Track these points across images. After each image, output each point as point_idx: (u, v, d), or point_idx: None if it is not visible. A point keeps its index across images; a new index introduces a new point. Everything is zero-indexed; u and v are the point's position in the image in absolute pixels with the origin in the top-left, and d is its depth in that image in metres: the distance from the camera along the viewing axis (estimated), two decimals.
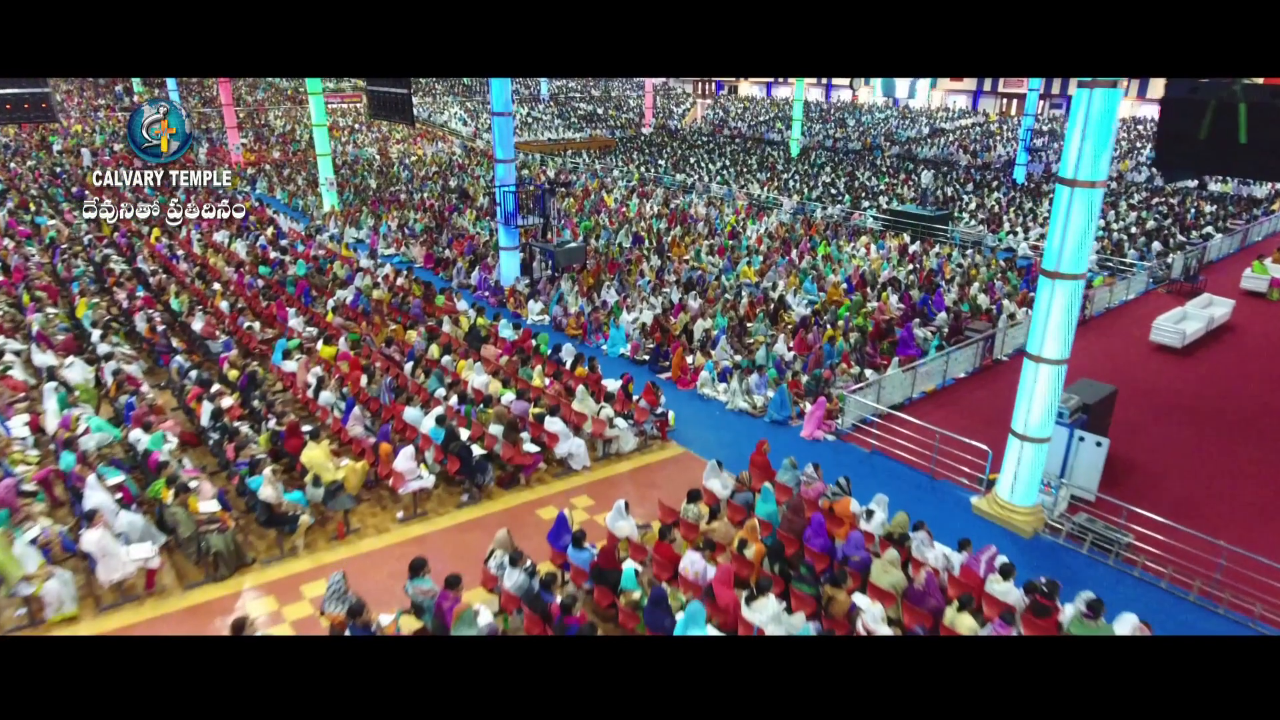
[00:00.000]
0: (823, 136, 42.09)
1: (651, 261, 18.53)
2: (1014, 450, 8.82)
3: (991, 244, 21.35)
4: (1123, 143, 35.50)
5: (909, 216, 22.29)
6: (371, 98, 21.48)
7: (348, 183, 29.39)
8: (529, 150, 39.15)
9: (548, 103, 53.59)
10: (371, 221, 22.91)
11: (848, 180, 30.70)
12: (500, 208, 16.02)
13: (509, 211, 16.00)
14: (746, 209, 25.23)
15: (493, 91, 15.58)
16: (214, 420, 8.88)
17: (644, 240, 21.02)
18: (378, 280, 16.30)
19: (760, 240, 20.79)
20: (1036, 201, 26.43)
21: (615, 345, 13.82)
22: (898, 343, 13.85)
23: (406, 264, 19.75)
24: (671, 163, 35.46)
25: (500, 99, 15.57)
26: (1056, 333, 8.24)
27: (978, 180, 30.62)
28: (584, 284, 16.95)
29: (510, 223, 16.00)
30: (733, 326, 14.19)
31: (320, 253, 18.37)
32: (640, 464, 10.18)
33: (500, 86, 15.46)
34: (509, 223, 16.02)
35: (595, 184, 29.99)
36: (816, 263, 18.64)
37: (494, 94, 15.58)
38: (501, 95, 15.54)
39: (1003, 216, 23.43)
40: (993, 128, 41.24)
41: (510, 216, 15.95)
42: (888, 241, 20.96)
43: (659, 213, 24.40)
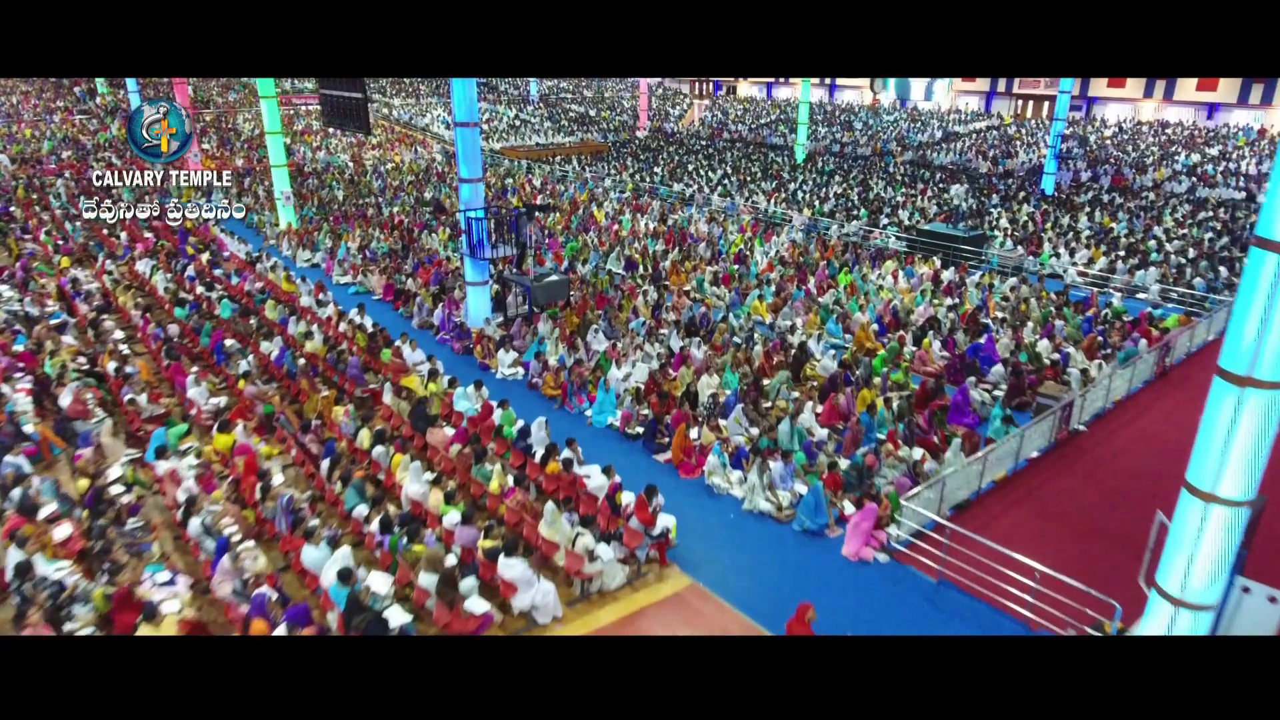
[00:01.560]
0: (829, 141, 39.48)
1: (647, 295, 15.88)
2: (1160, 615, 6.21)
3: (1032, 268, 18.76)
4: (1153, 149, 32.97)
5: (936, 237, 19.67)
6: (324, 102, 18.80)
7: (312, 195, 26.65)
8: (515, 156, 36.43)
9: (537, 104, 50.89)
10: (329, 243, 20.20)
11: (861, 191, 28.09)
12: (466, 236, 13.36)
13: (476, 240, 13.34)
14: (753, 226, 22.58)
15: (454, 97, 12.90)
16: (19, 577, 6.19)
17: (638, 266, 18.37)
18: (318, 323, 13.61)
19: (771, 266, 18.14)
20: (1074, 216, 23.86)
21: (602, 412, 11.17)
22: (948, 407, 11.25)
23: (365, 295, 17.09)
24: (668, 170, 32.81)
25: (463, 105, 12.89)
26: (1242, 462, 5.62)
27: (1003, 191, 28.00)
28: (566, 326, 14.30)
29: (477, 254, 13.34)
30: (745, 388, 11.54)
31: (258, 286, 15.66)
32: (631, 607, 7.52)
33: (462, 89, 12.78)
34: (476, 254, 13.36)
35: (584, 195, 27.32)
36: (840, 296, 16.00)
37: (455, 100, 12.91)
38: (464, 101, 12.86)
39: (1040, 235, 20.82)
40: (1011, 131, 38.68)
41: (477, 247, 13.28)
42: (917, 268, 18.34)
43: (655, 230, 21.75)
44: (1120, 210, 25.03)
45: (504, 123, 43.80)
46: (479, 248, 13.27)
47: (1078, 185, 29.29)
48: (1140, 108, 40.56)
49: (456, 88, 12.77)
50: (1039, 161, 32.05)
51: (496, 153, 37.34)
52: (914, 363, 13.10)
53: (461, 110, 12.92)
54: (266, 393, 10.50)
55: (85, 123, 38.13)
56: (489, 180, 30.22)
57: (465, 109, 12.92)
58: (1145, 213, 24.17)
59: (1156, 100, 40.03)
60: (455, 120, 13.04)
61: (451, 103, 12.74)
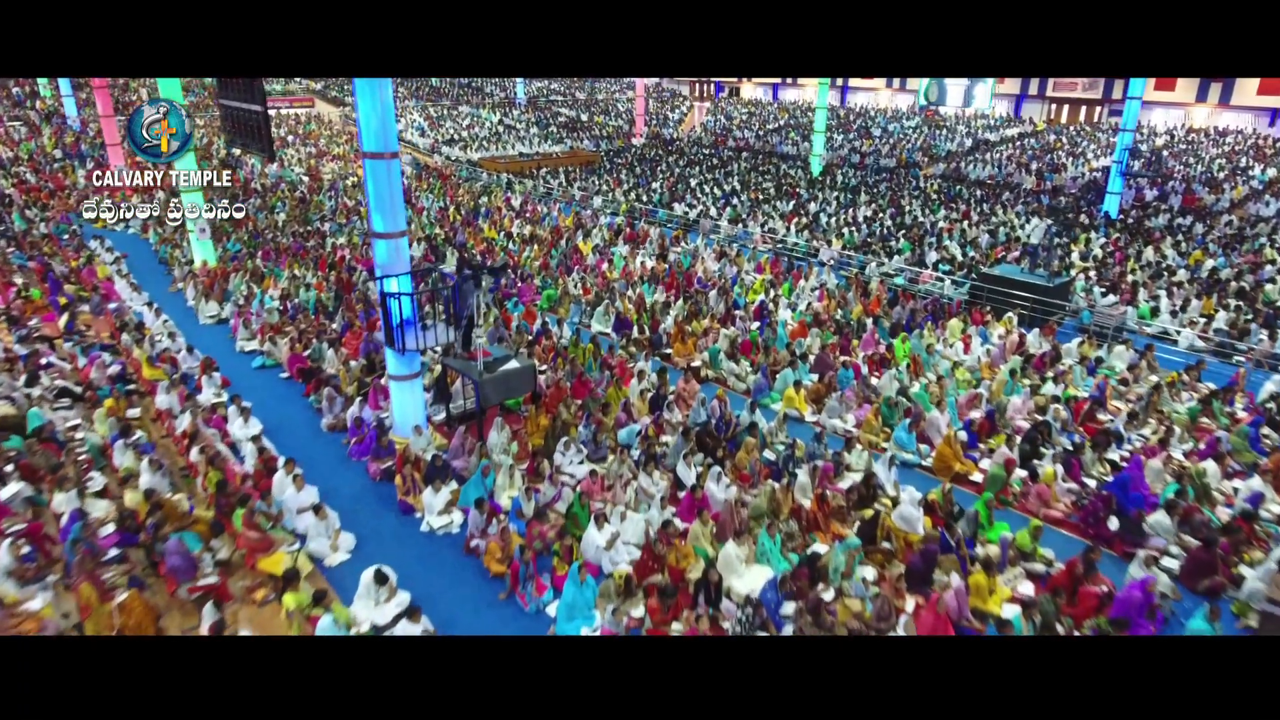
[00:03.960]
0: (847, 150, 35.39)
1: (644, 376, 11.79)
2: None
3: (1130, 324, 14.69)
4: (1219, 162, 28.94)
5: (1005, 284, 15.55)
6: (224, 116, 14.69)
7: (248, 220, 22.47)
8: (495, 169, 32.30)
9: (524, 107, 46.73)
10: (245, 290, 16.07)
11: (893, 213, 24.01)
12: (384, 319, 9.26)
13: (400, 323, 9.24)
14: (772, 264, 18.47)
15: (361, 112, 8.77)
16: None
17: (632, 326, 14.27)
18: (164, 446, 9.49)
19: (804, 328, 14.04)
20: (1157, 249, 19.80)
21: (572, 618, 7.06)
22: (1110, 599, 7.20)
23: (274, 370, 13.00)
24: (668, 186, 28.70)
25: (374, 124, 8.75)
26: None
27: (1062, 215, 23.85)
28: (530, 435, 10.24)
29: (399, 345, 9.21)
30: (790, 578, 7.43)
31: (111, 371, 11.50)
32: None
33: (371, 97, 8.64)
34: (398, 344, 9.23)
35: (570, 219, 23.19)
36: (902, 377, 11.92)
37: (362, 116, 8.78)
38: (376, 117, 8.73)
39: (1133, 282, 16.75)
40: (1050, 139, 34.61)
41: (398, 332, 9.16)
42: (991, 329, 14.26)
43: (654, 270, 17.64)
44: (1204, 238, 21.01)
45: (486, 129, 39.65)
46: (402, 333, 9.15)
47: (1143, 206, 25.26)
48: (1192, 113, 36.53)
49: (362, 99, 8.62)
50: (1093, 176, 28.02)
51: (474, 164, 33.20)
52: (1028, 502, 9.04)
53: (372, 132, 8.80)
54: (18, 614, 6.38)
55: (12, 130, 33.87)
56: (460, 199, 26.06)
57: (377, 130, 8.79)
58: (1239, 244, 20.14)
59: (1211, 105, 35.99)
60: (363, 149, 8.91)
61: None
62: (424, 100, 47.54)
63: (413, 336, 9.14)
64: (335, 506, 8.81)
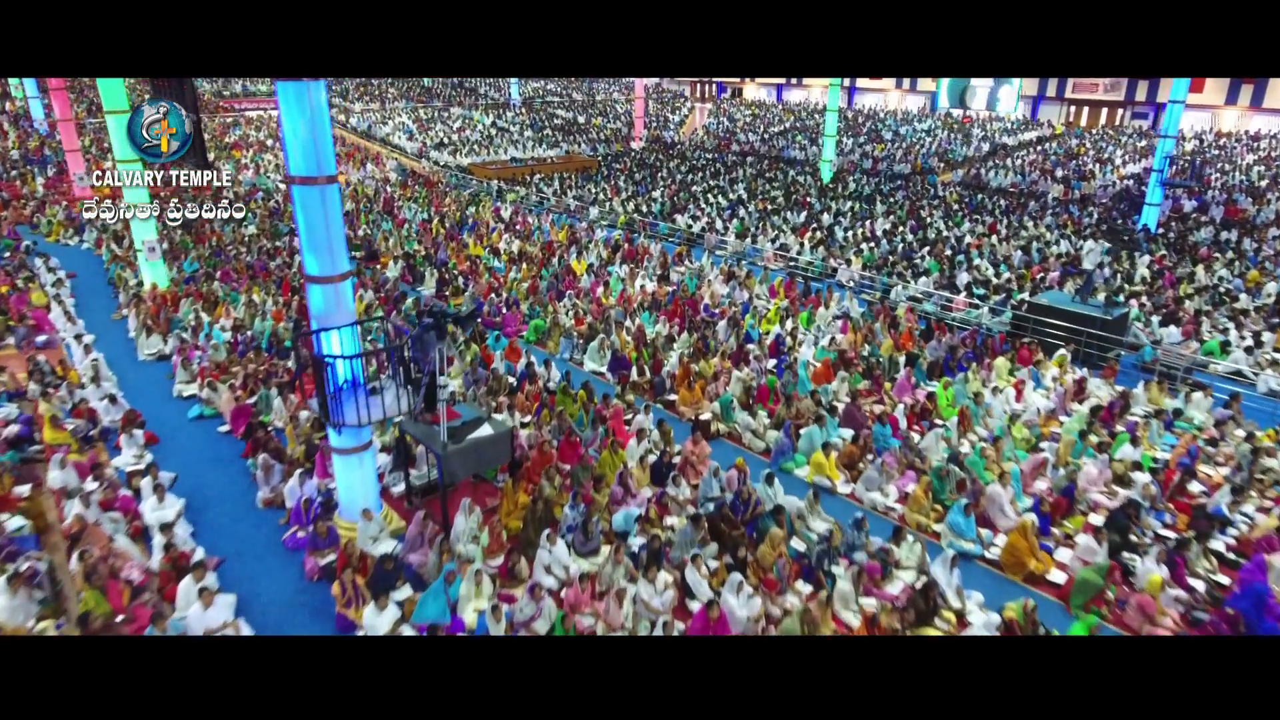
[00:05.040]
0: (858, 155, 33.53)
1: (646, 436, 9.94)
2: None
3: (1187, 355, 12.85)
4: (1259, 169, 27.11)
5: (1054, 315, 13.69)
6: None
7: (211, 235, 20.62)
8: (485, 176, 30.44)
9: (518, 109, 44.87)
10: (194, 319, 14.22)
11: (913, 225, 22.16)
12: (317, 387, 7.40)
13: (343, 389, 7.39)
14: (786, 286, 16.61)
15: (285, 129, 6.93)
16: None
17: (630, 365, 12.41)
18: None
19: (829, 369, 12.19)
20: (1208, 269, 17.97)
21: None
22: None
23: (214, 420, 11.16)
24: (669, 194, 26.85)
25: (301, 139, 6.91)
26: None
27: (1122, 236, 21.86)
28: (506, 517, 8.41)
29: (338, 420, 7.32)
30: None
31: (8, 432, 9.60)
32: None
33: (296, 103, 6.80)
34: (334, 417, 7.35)
35: (563, 233, 21.33)
36: (951, 436, 10.08)
37: (287, 133, 6.94)
38: (304, 133, 6.89)
39: (1194, 311, 14.90)
40: (1074, 144, 32.79)
41: (335, 402, 7.28)
42: (1044, 372, 12.41)
43: (655, 296, 15.79)
44: (1257, 256, 19.19)
45: (478, 132, 37.78)
46: (340, 406, 7.27)
47: (1183, 218, 23.43)
48: (1220, 116, 34.73)
49: (287, 109, 6.76)
50: (1124, 184, 26.21)
51: (464, 170, 31.34)
52: (1127, 615, 7.20)
53: (301, 150, 6.95)
54: None
55: None
56: (447, 209, 24.19)
57: (307, 147, 6.94)
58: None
59: (1241, 107, 34.17)
60: (288, 173, 7.07)
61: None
62: (414, 102, 45.67)
63: (353, 407, 7.27)
64: (257, 620, 7.00)
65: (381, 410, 7.38)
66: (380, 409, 7.41)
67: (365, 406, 7.34)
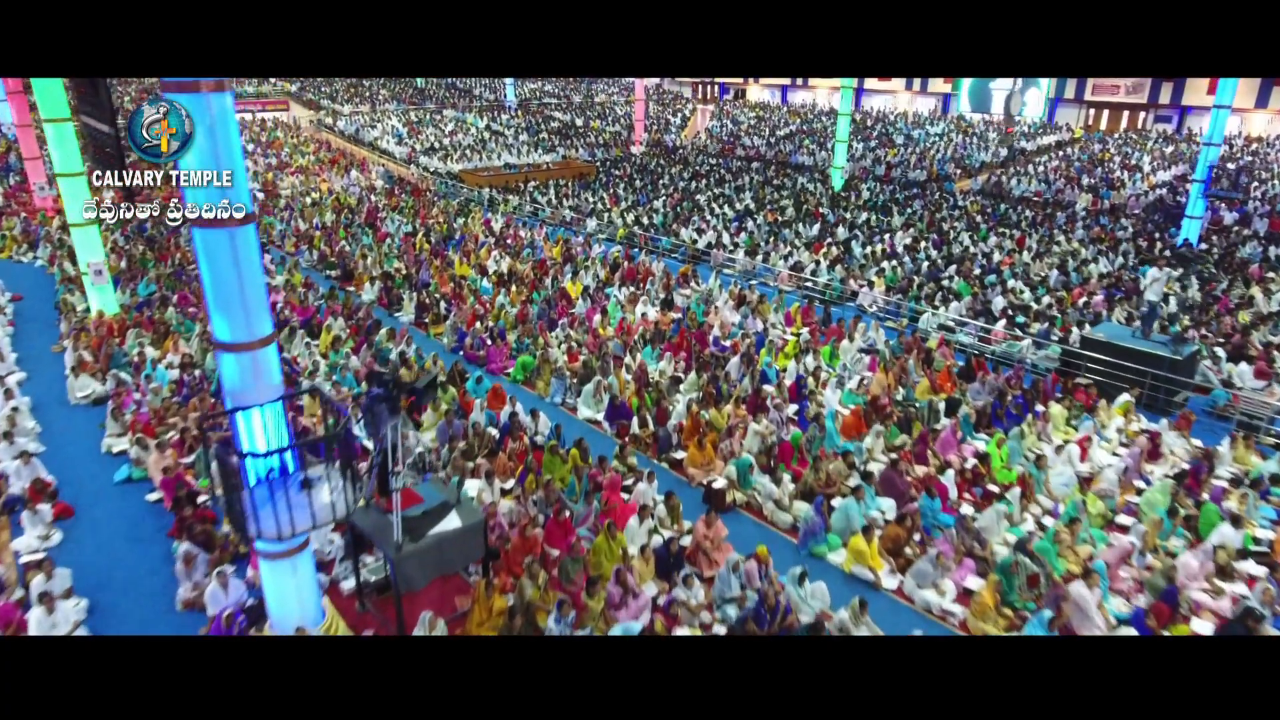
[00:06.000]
0: (869, 160, 31.88)
1: (649, 513, 8.30)
2: None
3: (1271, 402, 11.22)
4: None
5: (1111, 352, 12.06)
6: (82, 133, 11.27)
7: (175, 250, 18.99)
8: (477, 183, 28.80)
9: (514, 111, 43.22)
10: (139, 352, 12.59)
11: (935, 239, 20.51)
12: (225, 505, 5.74)
13: (264, 482, 5.76)
14: (803, 313, 14.97)
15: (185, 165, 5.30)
16: None
17: (631, 414, 10.78)
18: None
19: (859, 420, 10.53)
20: (1264, 290, 16.33)
21: None
22: None
23: (142, 484, 9.53)
24: (672, 204, 25.22)
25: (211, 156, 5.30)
26: None
27: (1194, 265, 19.84)
28: (478, 627, 6.77)
29: (251, 530, 5.66)
30: None
31: None
32: None
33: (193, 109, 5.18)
34: (249, 529, 5.69)
35: (557, 249, 19.70)
36: (1013, 512, 8.45)
37: (180, 164, 5.32)
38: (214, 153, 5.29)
39: (1265, 346, 13.27)
40: (1098, 150, 31.15)
41: (251, 505, 5.62)
42: (1106, 421, 10.76)
43: (658, 326, 14.15)
44: None
45: (472, 136, 36.14)
46: (255, 509, 5.63)
47: (1224, 231, 21.80)
48: (1248, 119, 33.11)
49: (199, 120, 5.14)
50: (1158, 194, 24.57)
51: (454, 177, 29.71)
52: None
53: (199, 192, 5.33)
54: None
55: None
56: (434, 221, 22.53)
57: (210, 178, 5.32)
58: None
59: (1272, 110, 32.55)
60: (184, 198, 5.46)
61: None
62: (406, 103, 44.03)
63: (274, 511, 5.62)
64: None
65: (310, 517, 5.73)
66: (308, 514, 5.74)
67: (290, 509, 5.69)
